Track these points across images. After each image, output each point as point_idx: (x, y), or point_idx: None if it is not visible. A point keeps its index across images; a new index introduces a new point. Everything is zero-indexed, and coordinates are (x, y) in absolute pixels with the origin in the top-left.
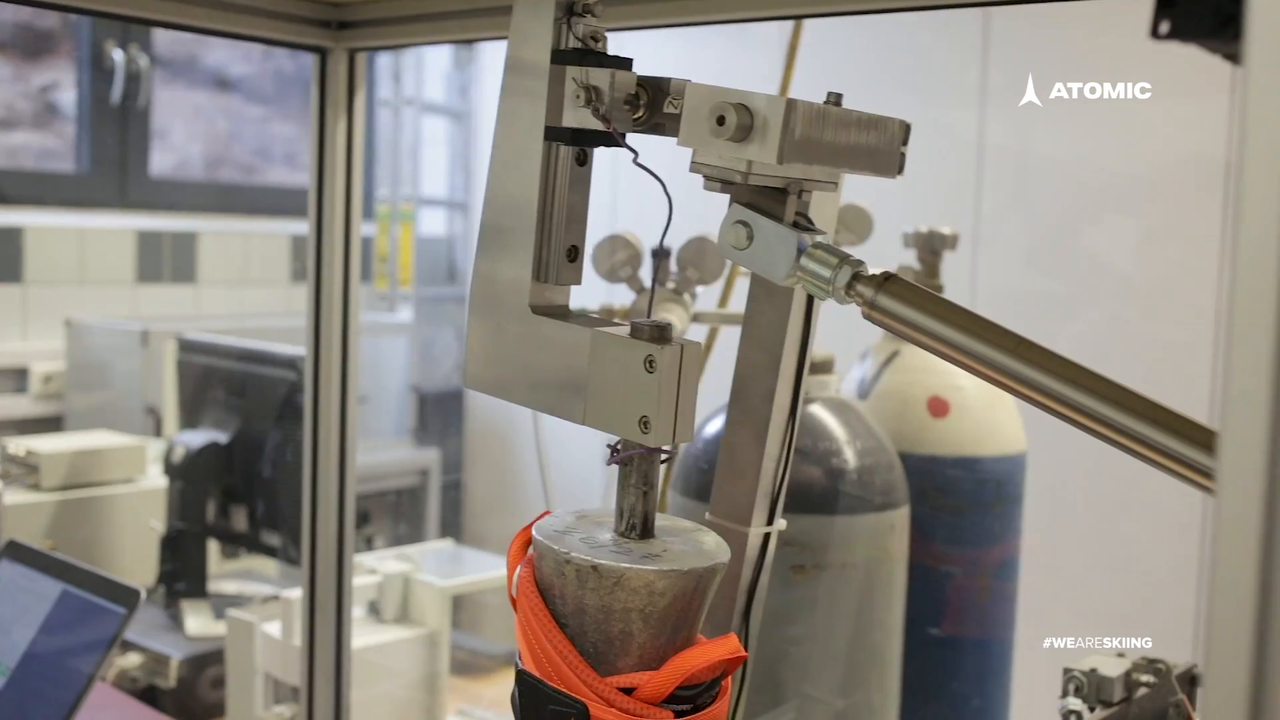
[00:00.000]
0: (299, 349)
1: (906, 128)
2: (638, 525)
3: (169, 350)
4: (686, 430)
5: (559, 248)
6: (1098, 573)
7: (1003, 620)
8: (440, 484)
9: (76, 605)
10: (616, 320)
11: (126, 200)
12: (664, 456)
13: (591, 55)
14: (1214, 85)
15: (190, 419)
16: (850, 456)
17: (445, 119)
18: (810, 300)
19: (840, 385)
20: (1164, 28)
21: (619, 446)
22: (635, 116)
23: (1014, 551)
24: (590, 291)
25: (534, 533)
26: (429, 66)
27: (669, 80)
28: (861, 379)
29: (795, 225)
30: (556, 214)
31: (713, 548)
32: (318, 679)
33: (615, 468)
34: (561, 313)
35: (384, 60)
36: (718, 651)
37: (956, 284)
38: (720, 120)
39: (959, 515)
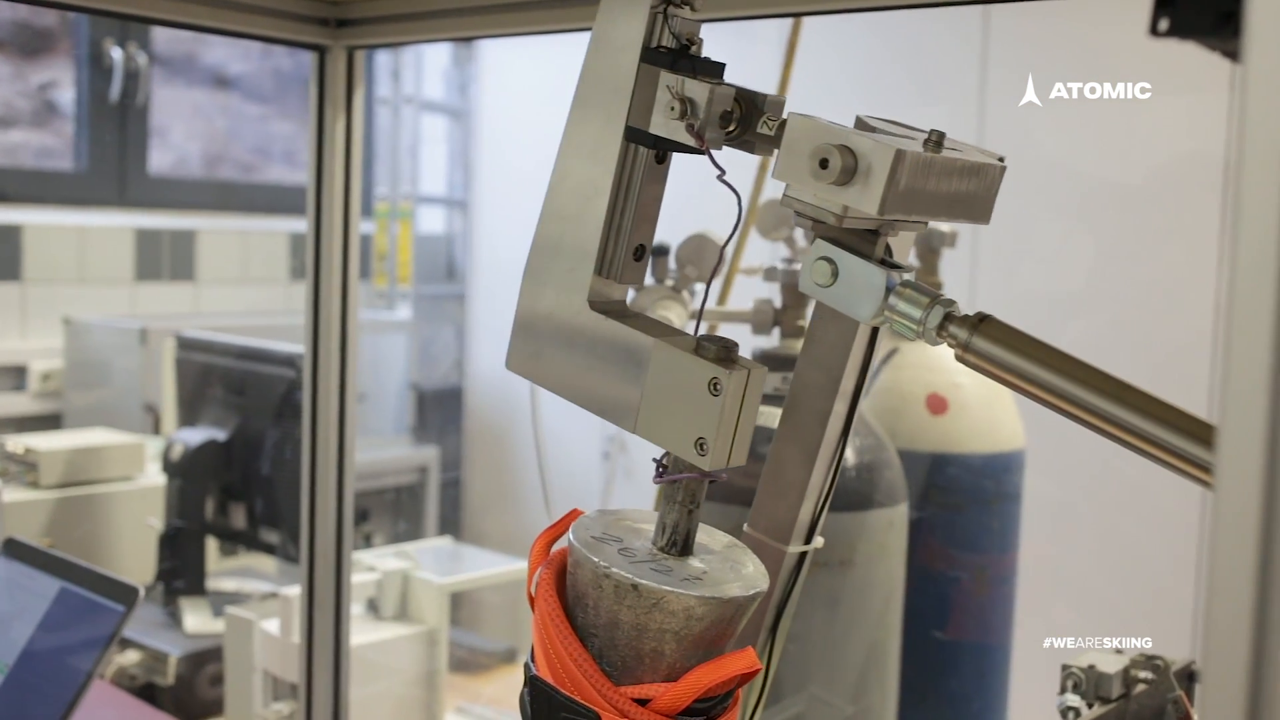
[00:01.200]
0: (298, 347)
1: (1004, 170)
2: (679, 543)
3: (168, 348)
4: (741, 454)
5: (626, 245)
6: (1096, 570)
7: (1001, 617)
8: (439, 481)
9: (75, 603)
10: (676, 329)
11: (125, 198)
12: (714, 480)
13: (686, 61)
14: (1214, 83)
15: (189, 417)
16: (849, 454)
17: (444, 117)
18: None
19: None
20: (1163, 25)
21: (666, 463)
22: (727, 131)
23: (1012, 549)
24: None
25: (570, 537)
26: (428, 64)
27: (765, 97)
28: None
29: (883, 263)
30: (628, 210)
31: (752, 574)
32: (316, 676)
33: (621, 467)
34: (619, 311)
35: (383, 58)
36: (735, 666)
37: (955, 282)
38: (824, 163)
39: (958, 512)
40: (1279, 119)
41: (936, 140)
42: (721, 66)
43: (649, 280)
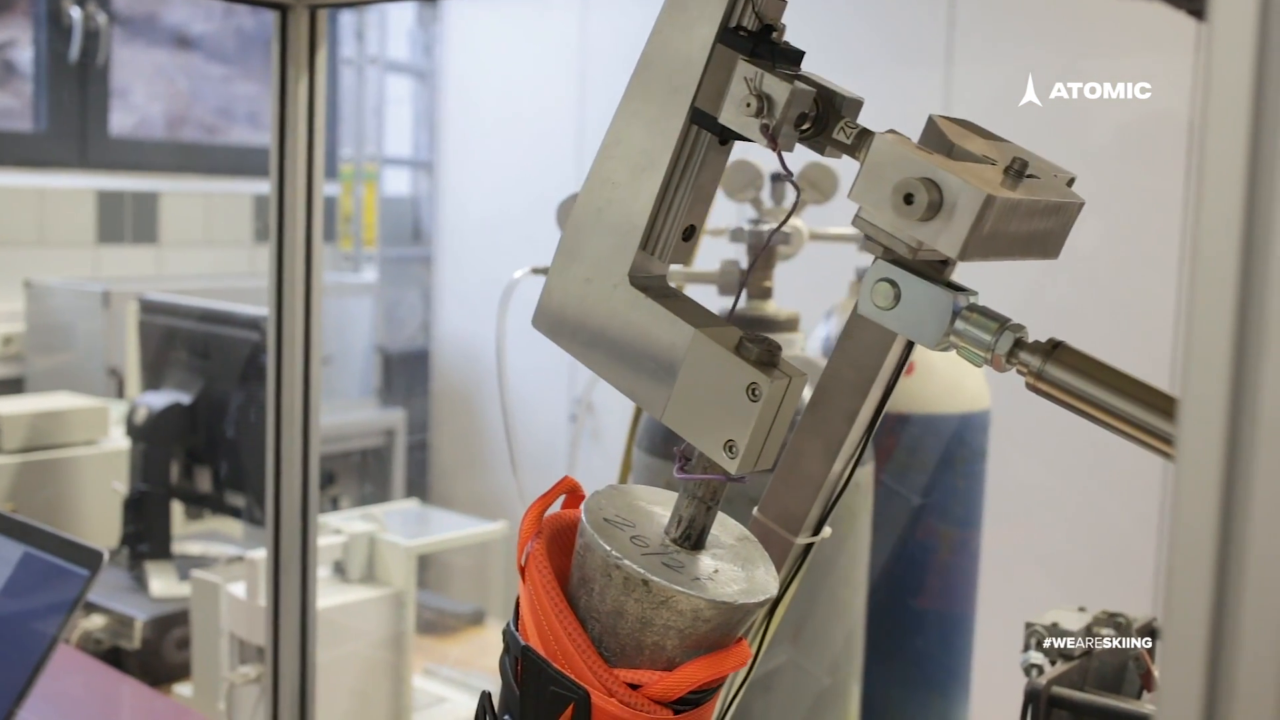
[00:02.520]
0: (262, 309)
1: (1082, 206)
2: (693, 537)
3: (131, 311)
4: (769, 460)
5: (677, 224)
6: (1059, 529)
7: (966, 577)
8: (406, 444)
9: (39, 567)
10: (717, 317)
11: (86, 160)
12: (737, 481)
13: (766, 48)
14: (1179, 42)
15: (153, 380)
16: None
17: (409, 78)
18: None
19: (806, 343)
20: None
21: (689, 455)
22: (801, 130)
23: (978, 508)
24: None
25: (583, 518)
26: (392, 24)
27: (843, 99)
28: (827, 337)
29: (948, 285)
30: (683, 189)
31: (762, 578)
32: (283, 639)
33: (587, 429)
34: (660, 289)
35: (346, 18)
36: (730, 664)
37: None
38: (908, 199)
39: (923, 472)
40: (1243, 78)
41: (1019, 170)
42: (801, 55)
43: None
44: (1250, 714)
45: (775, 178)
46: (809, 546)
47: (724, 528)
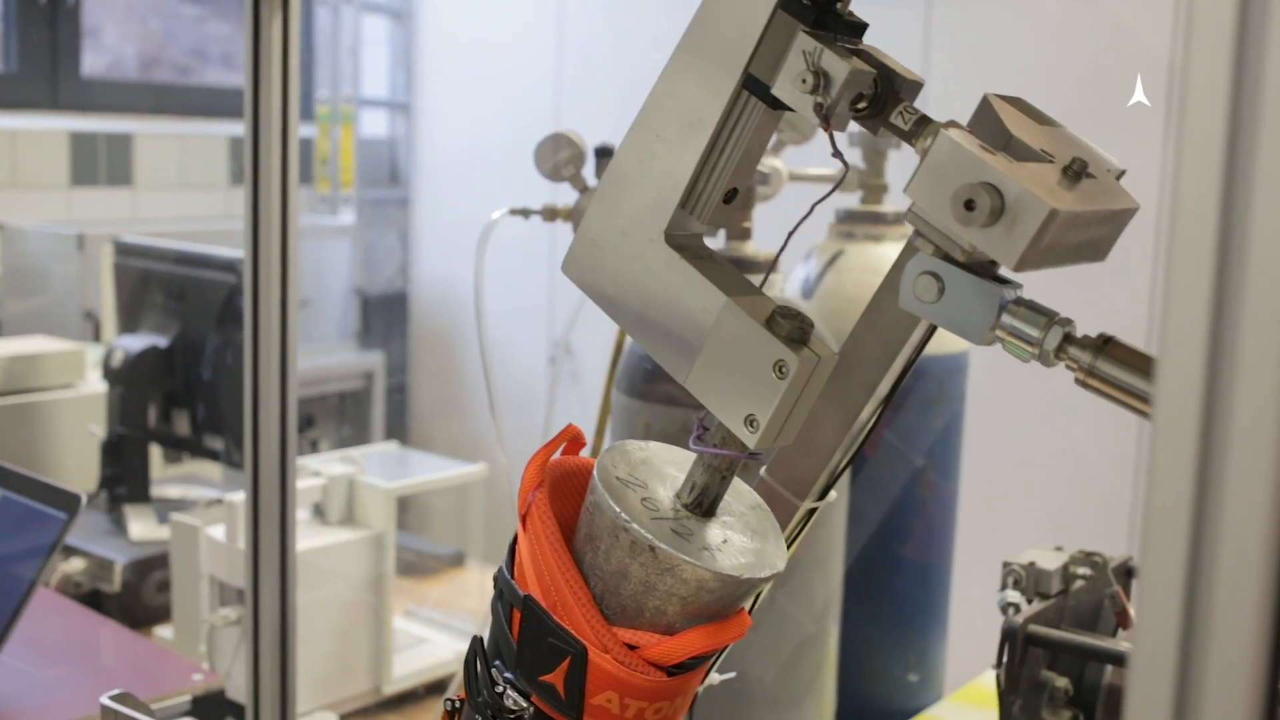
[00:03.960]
0: (238, 252)
1: (1136, 210)
2: (704, 504)
3: (106, 254)
4: (790, 437)
5: (720, 185)
6: (1036, 470)
7: (944, 518)
8: (385, 387)
9: (16, 511)
10: (752, 285)
11: (57, 101)
12: (754, 458)
13: (829, 19)
14: None
15: (129, 323)
16: None
17: (385, 18)
18: None
19: (784, 285)
20: None
21: (708, 425)
22: (856, 109)
23: (956, 449)
24: (535, 192)
25: (595, 475)
26: None
27: (903, 80)
28: (806, 279)
29: (995, 279)
30: (729, 151)
31: (770, 553)
32: (263, 582)
33: (566, 372)
34: (696, 249)
35: None
36: (730, 634)
37: (900, 184)
38: (969, 205)
39: (902, 413)
40: (1225, 16)
41: (1078, 171)
42: (864, 28)
43: (593, 183)
44: (1225, 650)
45: None
46: (813, 510)
47: (737, 494)
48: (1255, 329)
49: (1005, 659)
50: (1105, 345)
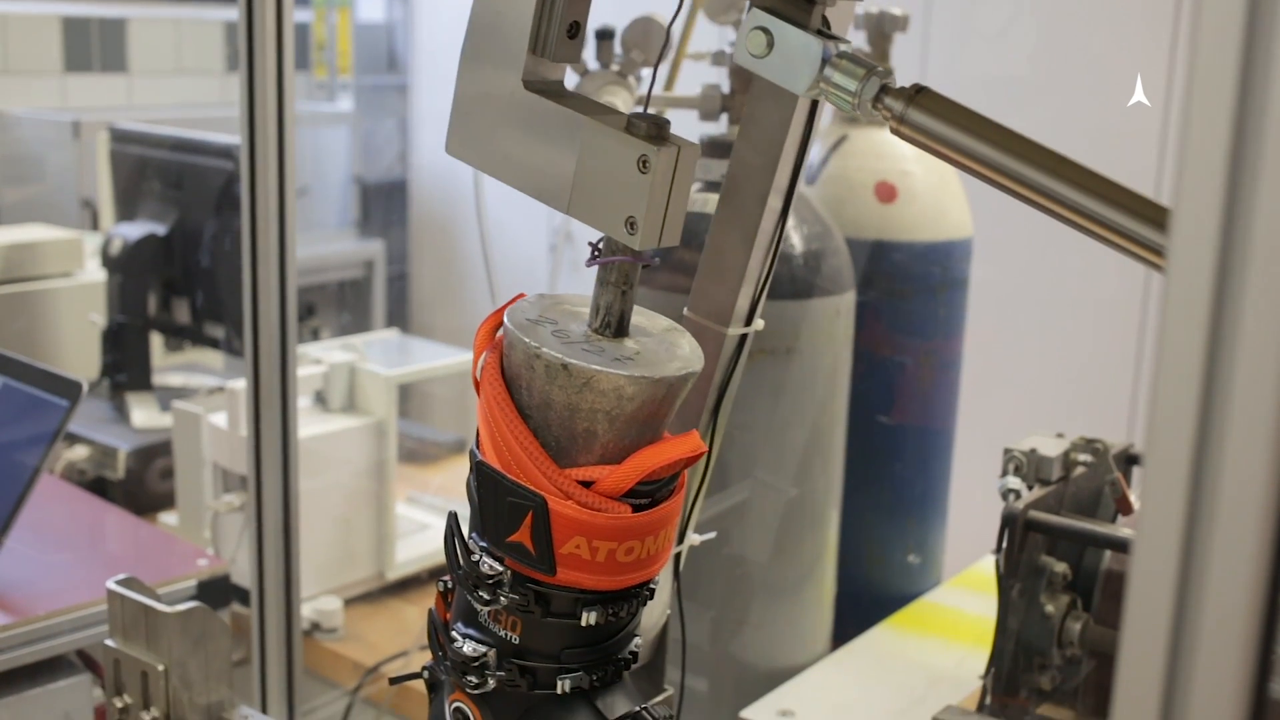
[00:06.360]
0: (236, 138)
1: None
2: (613, 324)
3: (101, 141)
4: (674, 234)
5: (560, 21)
6: (1039, 357)
7: (945, 404)
8: (385, 275)
9: (18, 399)
10: (612, 108)
11: None
12: (647, 264)
13: None
14: None
15: (126, 211)
16: (797, 241)
17: None
18: (814, 104)
19: None
20: None
21: (600, 247)
22: None
23: (958, 337)
24: None
25: (505, 320)
26: None
27: None
28: (809, 164)
29: (819, 33)
30: None
31: (687, 354)
32: (265, 468)
33: (567, 259)
34: (556, 91)
35: None
36: (678, 450)
37: (906, 68)
38: None
39: (905, 300)
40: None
41: None
42: None
43: (594, 65)
44: (1230, 534)
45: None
46: (743, 339)
47: (651, 320)
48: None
49: (1005, 544)
50: (917, 95)
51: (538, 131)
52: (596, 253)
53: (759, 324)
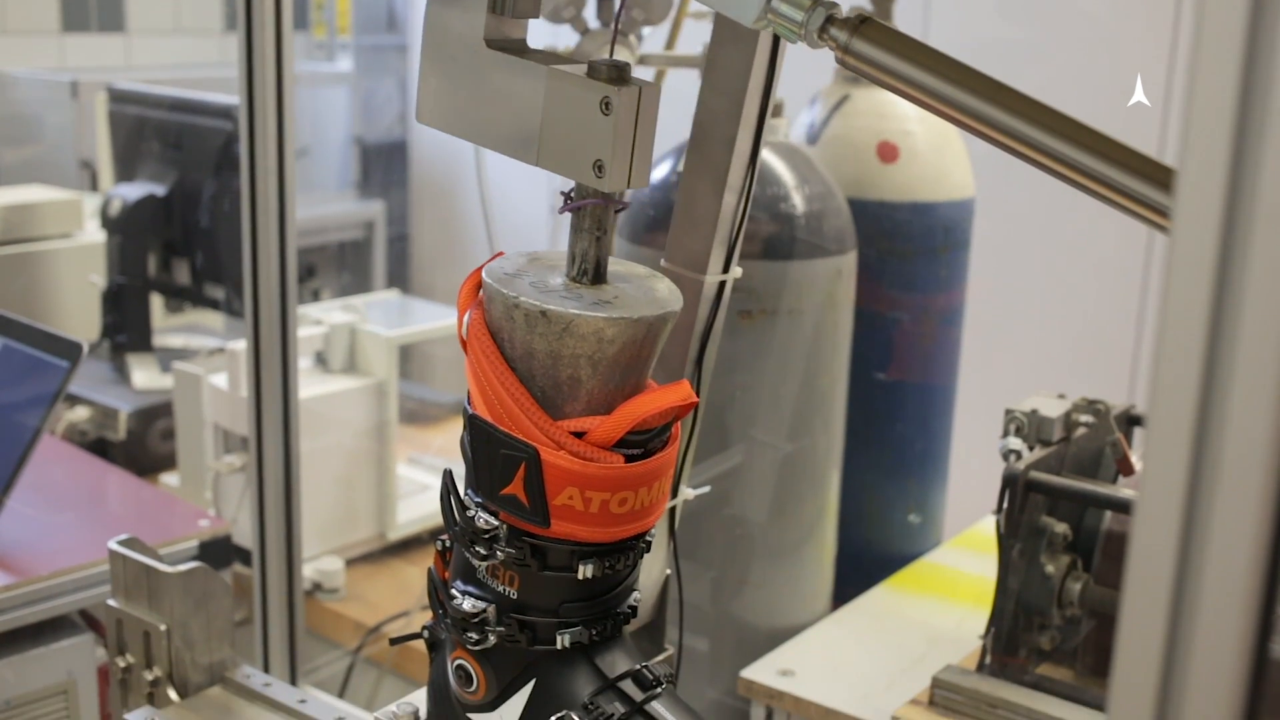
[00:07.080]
0: (234, 98)
1: None
2: (589, 270)
3: (100, 101)
4: (642, 175)
5: None
6: (1040, 318)
7: (947, 365)
8: (385, 236)
9: (19, 360)
10: (574, 59)
11: None
12: (619, 208)
13: None
14: None
15: (125, 172)
16: (799, 202)
17: None
18: (776, 43)
19: (789, 130)
20: None
21: (572, 194)
22: None
23: (960, 297)
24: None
25: (484, 275)
26: None
27: None
28: (811, 124)
29: None
30: None
31: (665, 295)
32: (266, 429)
33: (565, 216)
34: (518, 48)
35: None
36: (669, 398)
37: (909, 28)
38: None
39: (906, 260)
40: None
41: None
42: None
43: (594, 24)
44: (1232, 496)
45: None
46: (722, 285)
47: (628, 268)
48: (1277, 161)
49: (1005, 505)
50: (861, 25)
51: (503, 88)
52: (569, 201)
53: (737, 271)
